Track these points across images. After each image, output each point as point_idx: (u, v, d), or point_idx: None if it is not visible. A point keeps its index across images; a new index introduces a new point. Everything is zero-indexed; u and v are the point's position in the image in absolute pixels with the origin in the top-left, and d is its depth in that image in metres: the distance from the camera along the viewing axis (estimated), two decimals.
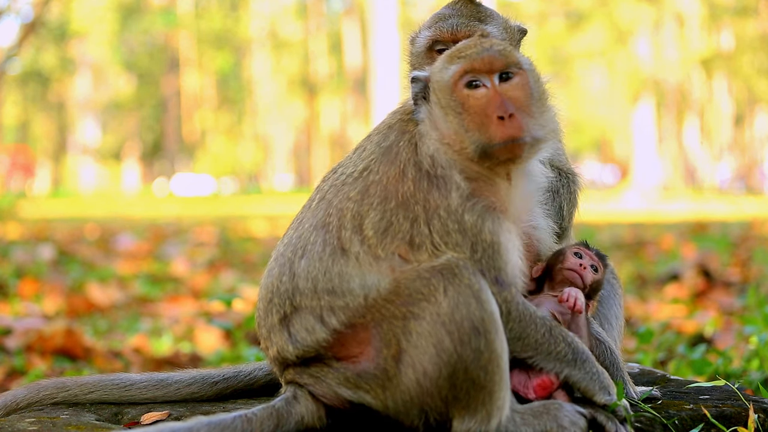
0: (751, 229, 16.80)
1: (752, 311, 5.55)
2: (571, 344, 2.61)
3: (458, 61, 2.64)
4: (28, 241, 14.85)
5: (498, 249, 2.56)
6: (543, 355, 2.59)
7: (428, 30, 3.20)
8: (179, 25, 65.23)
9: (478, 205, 2.58)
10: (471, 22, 3.16)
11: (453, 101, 2.63)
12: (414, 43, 3.27)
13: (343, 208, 2.65)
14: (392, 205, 2.61)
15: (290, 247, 2.69)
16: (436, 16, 3.23)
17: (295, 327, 2.60)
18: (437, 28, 3.16)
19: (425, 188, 2.60)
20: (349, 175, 2.71)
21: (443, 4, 3.28)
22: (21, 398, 2.98)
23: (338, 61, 67.53)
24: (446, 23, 3.16)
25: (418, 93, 2.70)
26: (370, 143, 2.77)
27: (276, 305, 2.65)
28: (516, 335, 2.56)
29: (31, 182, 64.21)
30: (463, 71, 2.63)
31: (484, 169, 2.62)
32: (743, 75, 55.48)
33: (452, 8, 3.22)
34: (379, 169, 2.67)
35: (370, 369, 2.54)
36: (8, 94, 60.78)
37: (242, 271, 10.92)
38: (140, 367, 5.62)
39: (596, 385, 2.63)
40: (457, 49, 2.69)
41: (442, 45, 3.15)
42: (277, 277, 2.67)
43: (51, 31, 56.27)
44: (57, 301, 8.01)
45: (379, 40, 34.16)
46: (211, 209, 33.86)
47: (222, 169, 68.20)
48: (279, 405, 2.61)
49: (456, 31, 3.14)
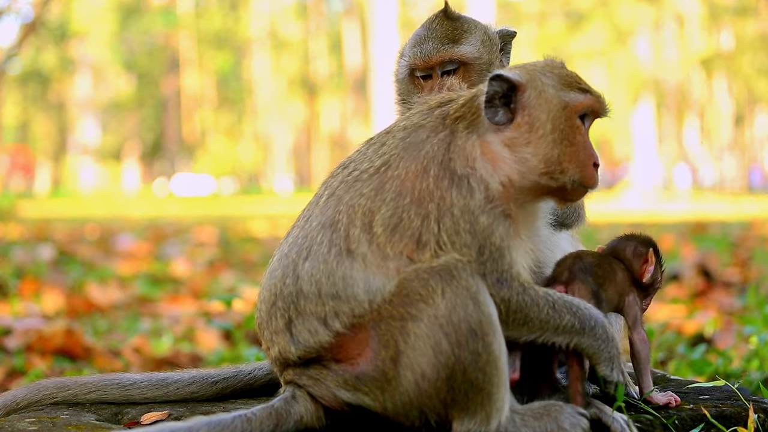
0: (751, 229, 16.80)
1: (752, 311, 5.56)
2: (577, 313, 2.59)
3: (585, 94, 2.65)
4: (28, 241, 14.85)
5: (503, 254, 2.54)
6: (551, 331, 2.57)
7: (406, 57, 3.19)
8: (179, 25, 65.26)
9: (496, 209, 2.56)
10: (444, 45, 3.14)
11: (565, 127, 2.61)
12: (397, 70, 3.27)
13: (354, 204, 2.60)
14: (406, 201, 2.57)
15: (295, 247, 2.65)
16: (414, 39, 3.21)
17: (298, 329, 2.58)
18: (413, 55, 3.16)
19: (445, 186, 2.56)
20: (363, 171, 2.65)
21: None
22: (21, 398, 2.98)
23: (338, 61, 67.55)
24: (420, 48, 3.15)
25: (498, 93, 2.62)
26: (392, 138, 2.70)
27: (280, 309, 2.61)
28: (519, 323, 2.55)
29: (31, 182, 64.20)
30: (588, 107, 2.65)
31: (532, 194, 2.62)
32: (743, 75, 55.49)
33: (428, 28, 3.20)
34: (399, 165, 2.62)
35: (369, 371, 2.53)
36: (8, 94, 60.79)
37: (242, 271, 10.92)
38: (140, 367, 5.61)
39: (602, 355, 2.62)
40: (582, 80, 2.68)
41: (421, 72, 3.16)
42: (281, 279, 2.63)
43: (51, 31, 56.25)
44: (57, 301, 8.01)
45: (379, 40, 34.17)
46: (211, 209, 33.86)
47: (222, 169, 68.21)
48: (278, 405, 2.61)
49: (429, 57, 3.14)
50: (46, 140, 73.53)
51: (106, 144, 71.38)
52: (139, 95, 70.45)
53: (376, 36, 34.40)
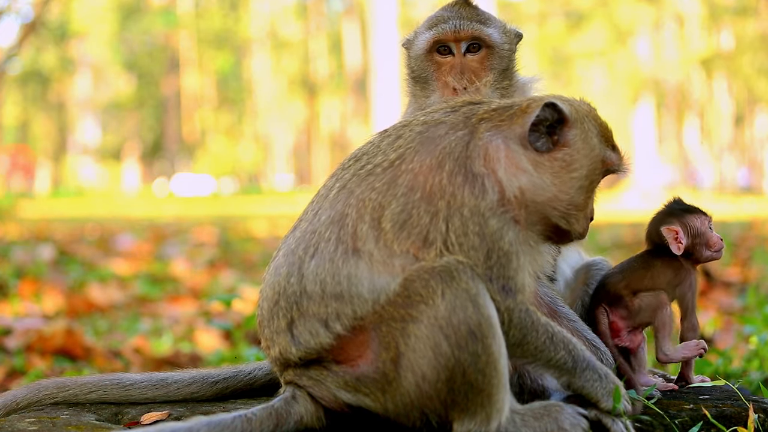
0: (751, 229, 16.80)
1: (752, 311, 5.56)
2: (572, 351, 2.58)
3: (617, 153, 2.70)
4: (28, 241, 14.84)
5: (511, 259, 2.53)
6: (542, 362, 2.57)
7: (428, 32, 3.18)
8: (179, 25, 65.24)
9: (507, 214, 2.55)
10: (472, 23, 3.15)
11: (594, 179, 2.65)
12: (411, 47, 3.25)
13: (365, 198, 2.57)
14: (417, 196, 2.54)
15: (302, 243, 2.61)
16: (435, 19, 3.21)
17: (299, 329, 2.56)
18: (439, 29, 3.15)
19: (458, 182, 2.53)
20: (377, 164, 2.62)
21: (443, 4, 3.28)
22: (21, 398, 2.98)
23: (338, 61, 67.51)
24: (448, 24, 3.15)
25: (547, 121, 2.59)
26: (409, 132, 2.66)
27: (283, 308, 2.58)
28: (516, 341, 2.54)
29: (31, 182, 64.19)
30: (617, 166, 2.70)
31: (533, 220, 2.62)
32: (743, 75, 55.44)
33: (450, 11, 3.21)
34: (414, 158, 2.58)
35: (370, 373, 2.52)
36: (8, 94, 60.77)
37: (242, 271, 10.92)
38: (140, 367, 5.62)
39: (599, 392, 2.61)
40: (614, 136, 2.71)
41: (443, 45, 3.15)
42: (285, 278, 2.59)
43: (51, 31, 56.22)
44: (57, 301, 8.01)
45: (379, 40, 34.15)
46: (211, 209, 33.85)
47: (222, 169, 68.17)
48: (278, 405, 2.60)
49: (458, 30, 3.14)
50: (46, 140, 73.50)
51: (106, 144, 71.35)
52: (139, 95, 70.42)
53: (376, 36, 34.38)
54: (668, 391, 3.03)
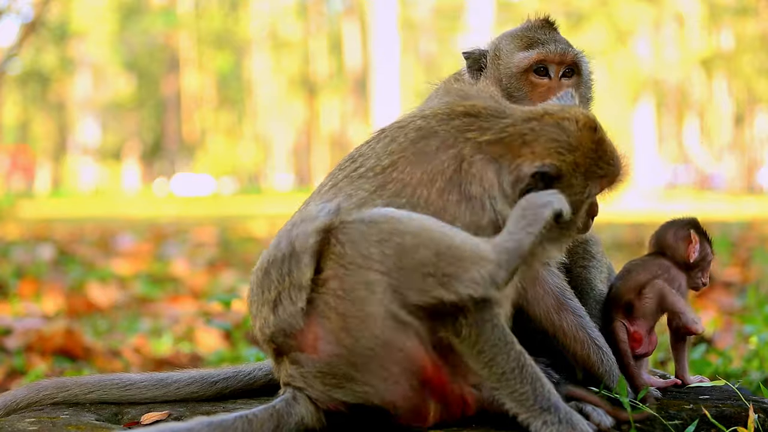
0: (751, 229, 16.80)
1: (752, 311, 5.56)
2: (537, 389, 2.49)
3: (608, 175, 2.69)
4: (28, 241, 14.85)
5: None
6: (505, 391, 2.49)
7: (527, 51, 3.12)
8: (179, 25, 65.25)
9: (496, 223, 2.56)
10: (571, 48, 3.15)
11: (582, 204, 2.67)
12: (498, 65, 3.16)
13: (351, 194, 2.59)
14: (402, 202, 2.55)
15: (290, 223, 2.65)
16: (528, 39, 3.15)
17: (283, 303, 2.55)
18: (544, 50, 3.10)
19: (451, 200, 2.54)
20: (369, 168, 2.63)
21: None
22: (21, 398, 2.98)
23: (338, 61, 67.53)
24: (551, 46, 3.11)
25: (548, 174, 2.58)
26: (403, 136, 2.66)
27: (275, 281, 2.57)
28: (485, 358, 2.48)
29: (31, 182, 64.22)
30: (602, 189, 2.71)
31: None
32: (743, 75, 55.47)
33: (541, 32, 3.16)
34: (405, 169, 2.60)
35: (332, 351, 2.49)
36: (8, 94, 60.79)
37: (242, 271, 10.91)
38: (140, 367, 5.62)
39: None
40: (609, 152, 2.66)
41: (543, 66, 3.11)
42: (275, 246, 2.62)
43: (51, 31, 56.15)
44: (57, 301, 8.02)
45: (379, 40, 34.18)
46: (211, 209, 33.87)
47: (222, 169, 68.20)
48: (279, 406, 2.60)
49: (564, 54, 3.11)
50: (46, 140, 73.50)
51: (106, 144, 71.37)
52: (139, 95, 70.44)
53: (376, 36, 34.41)
54: (669, 389, 3.03)
